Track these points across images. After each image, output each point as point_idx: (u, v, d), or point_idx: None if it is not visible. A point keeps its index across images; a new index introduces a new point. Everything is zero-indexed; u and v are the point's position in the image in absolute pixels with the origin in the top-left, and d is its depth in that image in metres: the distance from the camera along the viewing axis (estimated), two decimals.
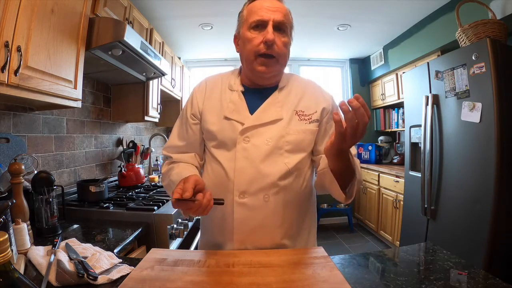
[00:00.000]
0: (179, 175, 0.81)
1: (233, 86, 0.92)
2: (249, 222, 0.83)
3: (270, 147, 0.83)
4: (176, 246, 1.58)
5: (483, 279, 0.69)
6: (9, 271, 0.39)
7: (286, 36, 0.84)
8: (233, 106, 0.88)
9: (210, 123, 0.89)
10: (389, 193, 2.96)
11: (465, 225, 1.80)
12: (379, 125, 3.91)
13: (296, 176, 0.86)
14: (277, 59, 0.83)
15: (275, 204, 0.83)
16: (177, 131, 0.97)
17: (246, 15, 0.86)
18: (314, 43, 3.46)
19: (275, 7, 0.83)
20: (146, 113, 2.17)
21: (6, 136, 1.22)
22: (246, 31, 0.84)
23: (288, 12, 0.86)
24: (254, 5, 0.85)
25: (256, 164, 0.82)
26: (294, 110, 0.88)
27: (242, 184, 0.82)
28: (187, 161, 0.93)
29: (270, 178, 0.82)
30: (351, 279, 0.68)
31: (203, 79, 0.99)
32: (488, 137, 1.66)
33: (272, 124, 0.85)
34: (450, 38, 2.30)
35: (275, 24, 0.82)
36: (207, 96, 0.93)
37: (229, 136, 0.85)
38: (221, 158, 0.86)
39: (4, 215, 0.77)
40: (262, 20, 0.81)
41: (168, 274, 0.68)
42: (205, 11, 2.53)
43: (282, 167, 0.83)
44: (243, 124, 0.85)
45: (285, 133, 0.85)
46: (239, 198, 0.83)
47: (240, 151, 0.83)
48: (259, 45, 0.82)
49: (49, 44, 1.08)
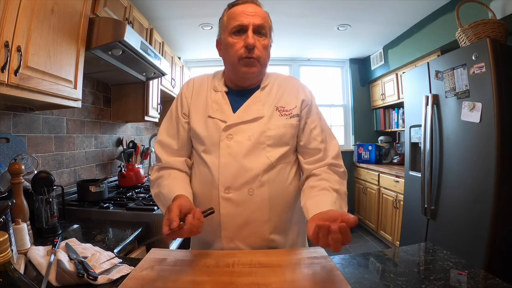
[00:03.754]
0: (170, 189, 0.83)
1: (217, 87, 0.95)
2: (236, 217, 0.85)
3: (252, 142, 0.86)
4: (176, 246, 1.58)
5: (483, 279, 0.69)
6: (9, 271, 0.39)
7: (265, 38, 0.88)
8: (216, 106, 0.91)
9: (195, 121, 0.91)
10: (389, 193, 2.96)
11: (465, 225, 1.80)
12: (379, 125, 3.91)
13: (280, 169, 0.88)
14: (258, 60, 0.87)
15: (260, 198, 0.85)
16: (166, 129, 0.96)
17: (226, 21, 0.89)
18: (314, 43, 3.46)
19: (253, 11, 0.86)
20: (146, 113, 2.17)
21: (6, 136, 1.22)
22: (228, 36, 0.87)
23: (267, 16, 0.90)
24: (233, 11, 0.88)
25: (239, 160, 0.85)
26: (275, 107, 0.91)
27: (227, 180, 0.84)
28: (177, 167, 0.93)
29: (253, 171, 0.84)
30: (351, 279, 0.68)
31: (190, 78, 1.01)
32: (488, 137, 1.66)
33: (254, 121, 0.88)
34: (450, 38, 2.30)
35: (255, 28, 0.85)
36: (194, 96, 0.95)
37: (213, 134, 0.88)
38: (206, 158, 0.88)
39: (4, 215, 0.77)
40: (242, 25, 0.85)
41: (168, 274, 0.68)
42: (205, 11, 2.53)
43: (264, 161, 0.85)
44: (225, 122, 0.88)
45: (266, 129, 0.87)
46: (224, 194, 0.84)
47: (224, 148, 0.86)
48: (240, 49, 0.85)
49: (49, 44, 1.08)
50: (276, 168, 0.87)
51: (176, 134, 0.94)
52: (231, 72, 0.92)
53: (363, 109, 4.05)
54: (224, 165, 0.85)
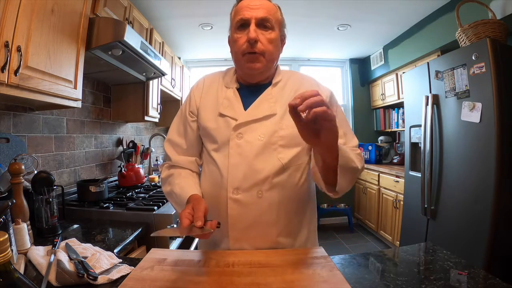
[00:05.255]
0: (182, 189, 0.83)
1: (229, 83, 0.93)
2: (244, 218, 0.83)
3: (263, 142, 0.83)
4: (176, 246, 1.58)
5: (483, 279, 0.69)
6: (9, 271, 0.39)
7: (272, 31, 0.84)
8: (227, 103, 0.88)
9: (205, 119, 0.90)
10: (389, 193, 2.96)
11: (465, 225, 1.80)
12: (379, 125, 3.91)
13: (292, 172, 0.85)
14: (262, 55, 0.83)
15: (269, 201, 0.83)
16: (176, 128, 0.97)
17: (232, 17, 0.88)
18: (314, 43, 3.46)
19: (257, 4, 0.83)
20: (146, 113, 2.17)
21: (6, 136, 1.22)
22: (233, 32, 0.86)
23: (274, 8, 0.86)
24: (239, 6, 0.86)
25: (249, 160, 0.82)
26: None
27: (236, 180, 0.82)
28: (187, 167, 0.93)
29: (263, 173, 0.82)
30: (351, 279, 0.68)
31: (202, 76, 1.00)
32: (488, 137, 1.66)
33: (265, 119, 0.85)
34: (450, 38, 2.30)
35: (258, 21, 0.82)
36: (204, 93, 0.94)
37: (223, 133, 0.86)
38: (216, 157, 0.87)
39: (4, 215, 0.77)
40: (243, 19, 0.82)
41: (168, 274, 0.68)
42: (205, 11, 2.53)
43: (275, 163, 0.83)
44: (236, 120, 0.85)
45: (278, 128, 0.84)
46: (232, 194, 0.83)
47: (234, 147, 0.84)
48: (243, 44, 0.82)
49: (49, 44, 1.08)
50: (288, 170, 0.84)
51: (185, 134, 0.94)
52: (238, 69, 0.91)
53: (363, 109, 4.05)
54: (234, 166, 0.83)
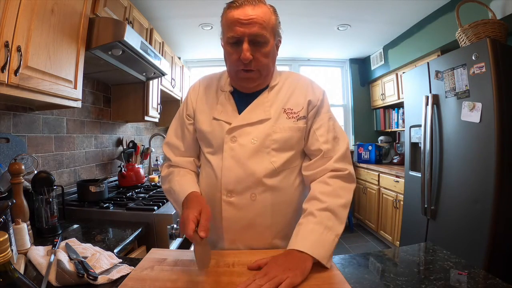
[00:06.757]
0: (181, 186, 0.84)
1: (223, 86, 0.92)
2: (238, 221, 0.84)
3: (256, 145, 0.83)
4: (176, 246, 1.58)
5: (483, 279, 0.69)
6: (9, 271, 0.39)
7: (266, 45, 0.79)
8: (221, 107, 0.89)
9: (201, 123, 0.90)
10: (389, 193, 2.96)
11: (465, 225, 1.80)
12: (379, 125, 3.91)
13: (286, 175, 0.85)
14: (259, 71, 0.82)
15: (262, 204, 0.83)
16: (174, 130, 0.97)
17: (223, 26, 0.82)
18: (314, 43, 3.46)
19: (249, 18, 0.75)
20: (146, 113, 2.17)
21: (6, 136, 1.22)
22: (226, 44, 0.82)
23: (267, 13, 0.79)
24: (229, 17, 0.78)
25: (243, 163, 0.83)
26: (282, 108, 0.87)
27: (230, 183, 0.83)
28: (185, 167, 0.94)
29: (256, 176, 0.82)
30: (351, 279, 0.68)
31: (198, 79, 1.00)
32: (488, 137, 1.66)
33: (259, 123, 0.85)
34: (450, 38, 2.30)
35: (251, 38, 0.77)
36: (200, 96, 0.94)
37: (218, 136, 0.86)
38: (212, 159, 0.88)
39: (4, 215, 0.77)
40: (235, 37, 0.77)
41: (168, 274, 0.68)
42: (205, 11, 2.53)
43: (267, 166, 0.83)
44: (230, 124, 0.85)
45: (271, 132, 0.84)
46: (226, 197, 0.84)
47: (227, 150, 0.84)
48: (237, 61, 0.80)
49: (49, 44, 1.08)
50: (281, 174, 0.85)
51: (182, 137, 0.95)
52: (232, 81, 0.90)
53: (363, 109, 4.05)
54: (227, 168, 0.83)
